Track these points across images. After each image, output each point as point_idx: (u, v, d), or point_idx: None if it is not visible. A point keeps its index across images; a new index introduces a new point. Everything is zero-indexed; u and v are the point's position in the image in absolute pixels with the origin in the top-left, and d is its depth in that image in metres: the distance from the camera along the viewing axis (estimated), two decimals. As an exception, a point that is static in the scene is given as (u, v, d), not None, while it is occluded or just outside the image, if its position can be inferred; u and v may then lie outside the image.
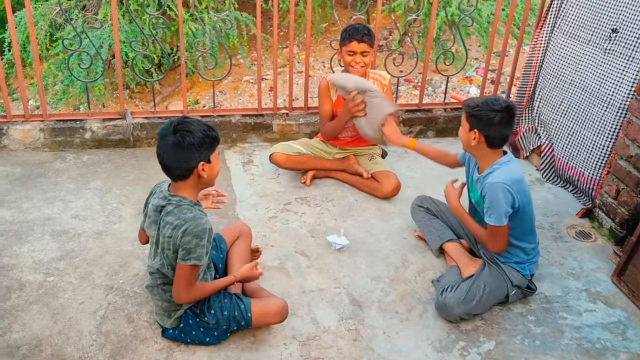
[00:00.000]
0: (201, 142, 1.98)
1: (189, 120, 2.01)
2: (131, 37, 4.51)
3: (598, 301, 2.54)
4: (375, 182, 3.18)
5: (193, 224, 1.99)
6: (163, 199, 2.07)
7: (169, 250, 2.04)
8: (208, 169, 2.04)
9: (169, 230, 2.02)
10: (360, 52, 3.04)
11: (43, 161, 3.41)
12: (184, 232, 1.98)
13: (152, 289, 2.19)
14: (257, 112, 3.71)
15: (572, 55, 3.19)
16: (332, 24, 6.37)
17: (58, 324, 2.26)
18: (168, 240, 2.02)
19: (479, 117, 2.28)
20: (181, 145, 1.96)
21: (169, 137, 1.97)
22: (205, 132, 1.99)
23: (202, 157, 2.01)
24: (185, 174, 2.03)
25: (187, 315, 2.17)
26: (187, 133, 1.96)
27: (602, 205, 2.96)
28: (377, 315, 2.41)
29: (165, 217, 2.04)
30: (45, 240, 2.73)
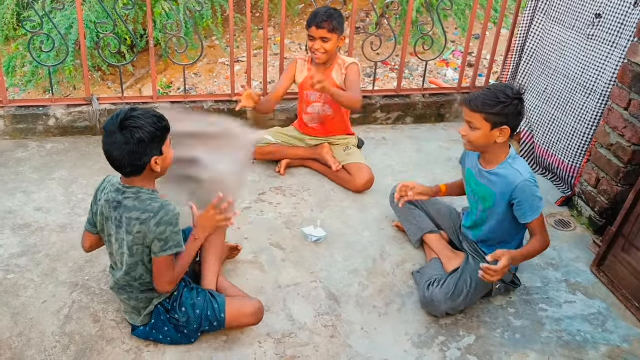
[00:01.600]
0: (152, 137, 1.84)
1: (136, 113, 1.85)
2: (102, 17, 4.32)
3: (578, 292, 2.51)
4: (347, 174, 3.09)
5: (163, 212, 1.88)
6: (117, 193, 1.94)
7: (139, 246, 1.93)
8: (161, 161, 1.91)
9: (136, 226, 1.90)
10: (320, 38, 2.94)
11: (3, 150, 3.24)
12: (157, 223, 1.88)
13: (118, 290, 2.08)
14: (230, 98, 3.58)
15: (557, 42, 3.13)
16: (308, 5, 6.21)
17: (19, 325, 2.15)
18: (137, 236, 1.91)
19: (506, 114, 2.12)
20: (130, 142, 1.82)
21: (116, 134, 1.82)
22: (156, 125, 1.85)
23: (155, 152, 1.88)
24: (137, 170, 1.90)
25: (158, 311, 2.07)
26: (135, 129, 1.81)
27: (582, 194, 2.92)
28: (354, 310, 2.34)
29: (126, 213, 1.92)
30: (5, 235, 2.59)
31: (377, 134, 3.67)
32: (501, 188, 2.25)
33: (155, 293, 2.05)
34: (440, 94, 3.86)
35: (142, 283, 2.03)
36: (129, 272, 2.00)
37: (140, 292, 2.04)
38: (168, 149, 1.94)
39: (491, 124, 2.15)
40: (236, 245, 2.51)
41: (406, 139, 3.65)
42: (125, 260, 1.98)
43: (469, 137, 2.21)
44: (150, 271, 1.99)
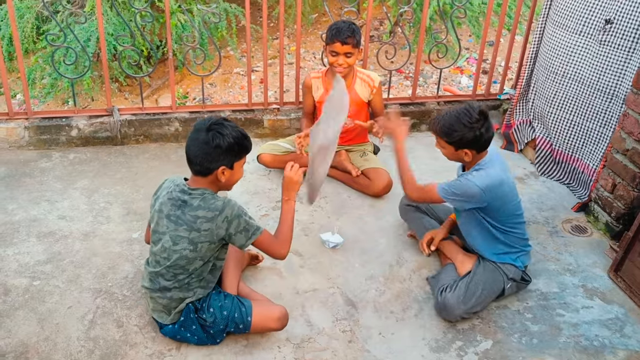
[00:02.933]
0: (229, 147, 1.99)
1: (226, 123, 2.02)
2: (119, 29, 4.41)
3: (595, 297, 2.51)
4: (366, 179, 3.13)
5: (228, 209, 2.01)
6: (183, 193, 2.06)
7: (205, 242, 2.04)
8: (228, 174, 2.05)
9: (204, 223, 2.01)
10: (344, 53, 2.97)
11: (28, 160, 3.33)
12: (226, 220, 2.01)
13: (152, 286, 2.14)
14: (247, 108, 3.64)
15: (563, 46, 3.14)
16: (322, 14, 6.28)
17: (45, 330, 2.21)
18: (204, 233, 2.02)
19: (462, 139, 2.25)
20: (209, 144, 1.98)
21: (201, 132, 2.00)
22: (237, 140, 2.01)
23: (226, 162, 2.02)
24: (204, 171, 2.04)
25: (188, 309, 2.13)
26: (218, 135, 1.98)
27: (598, 199, 2.93)
28: (372, 315, 2.37)
29: (191, 212, 2.03)
30: (31, 243, 2.66)
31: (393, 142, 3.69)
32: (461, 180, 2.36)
33: (189, 293, 2.11)
34: (455, 101, 3.88)
35: (183, 280, 2.09)
36: (181, 267, 2.06)
37: (177, 289, 2.10)
38: (239, 168, 2.08)
39: (454, 146, 2.30)
40: (257, 255, 2.56)
41: (421, 147, 3.68)
42: (185, 255, 2.05)
43: (442, 153, 2.40)
44: (204, 264, 2.09)
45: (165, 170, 3.26)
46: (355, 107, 3.14)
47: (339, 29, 2.95)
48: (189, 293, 2.12)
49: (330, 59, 3.02)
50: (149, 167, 3.32)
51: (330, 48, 2.99)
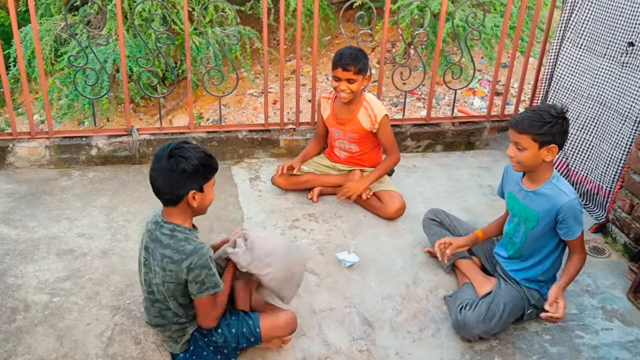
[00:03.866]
0: (195, 170, 1.93)
1: (186, 145, 1.95)
2: (135, 51, 4.51)
3: (614, 319, 2.49)
4: (379, 202, 3.12)
5: (196, 257, 1.93)
6: (156, 225, 2.02)
7: (170, 283, 1.99)
8: (199, 198, 1.98)
9: (168, 264, 1.96)
10: (346, 79, 2.97)
11: (48, 178, 3.37)
12: (189, 267, 1.94)
13: (152, 321, 2.15)
14: (263, 128, 3.68)
15: (588, 69, 3.17)
16: (334, 37, 6.37)
17: (64, 346, 2.22)
18: (169, 274, 1.97)
19: (552, 133, 2.17)
20: (174, 170, 1.91)
21: (163, 160, 1.92)
22: (201, 160, 1.93)
23: (194, 186, 1.95)
24: (174, 199, 1.97)
25: (195, 338, 2.12)
26: (181, 159, 1.91)
27: (616, 220, 2.92)
28: (389, 335, 2.36)
29: (161, 249, 1.98)
30: (50, 260, 2.69)
31: (408, 162, 3.72)
32: (545, 207, 2.28)
33: (188, 324, 2.11)
34: (470, 122, 3.91)
35: (174, 316, 2.08)
36: (162, 302, 2.06)
37: (172, 323, 2.10)
38: (210, 189, 2.02)
39: (539, 143, 2.19)
40: None
41: (437, 167, 3.69)
42: (160, 290, 2.04)
43: (517, 158, 2.24)
44: (182, 305, 2.05)
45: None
46: (358, 135, 3.16)
47: (341, 54, 2.97)
48: (187, 324, 2.11)
49: (334, 83, 3.04)
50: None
51: (333, 73, 3.01)
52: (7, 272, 2.59)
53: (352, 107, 3.11)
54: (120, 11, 3.24)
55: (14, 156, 3.41)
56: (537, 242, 2.37)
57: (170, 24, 3.60)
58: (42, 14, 5.14)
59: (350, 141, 3.19)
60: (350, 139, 3.18)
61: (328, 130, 3.28)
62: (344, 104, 3.11)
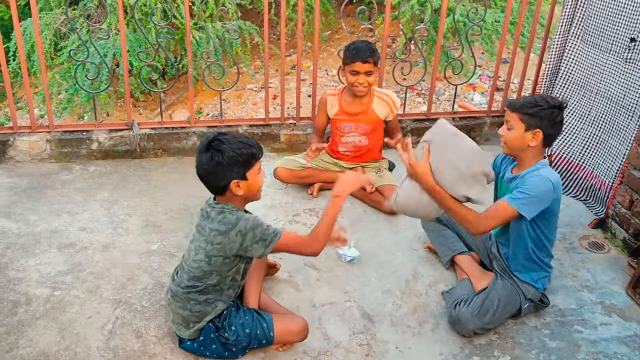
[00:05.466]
0: (231, 162, 1.97)
1: (223, 137, 1.99)
2: (135, 45, 4.49)
3: (613, 314, 2.50)
4: (380, 196, 3.14)
5: (242, 222, 1.99)
6: (208, 206, 2.09)
7: (218, 257, 2.03)
8: (244, 186, 2.02)
9: (216, 237, 2.01)
10: (365, 72, 3.00)
11: (49, 172, 3.38)
12: (240, 234, 1.98)
13: (174, 294, 2.15)
14: (264, 122, 3.69)
15: (595, 65, 3.17)
16: (334, 32, 6.35)
17: (65, 340, 2.23)
18: (218, 247, 2.01)
19: (542, 117, 2.21)
20: (210, 163, 1.97)
21: (202, 153, 2.00)
22: (238, 150, 1.97)
23: (235, 176, 1.99)
24: (218, 190, 2.04)
25: (208, 328, 2.13)
26: (216, 152, 1.96)
27: (615, 216, 2.93)
28: (389, 329, 2.37)
29: (209, 224, 2.04)
30: (52, 253, 2.70)
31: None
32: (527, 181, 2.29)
33: (209, 307, 2.12)
34: (470, 117, 3.91)
35: (204, 292, 2.09)
36: (198, 278, 2.08)
37: (197, 302, 2.11)
38: (254, 175, 2.04)
39: (525, 125, 2.23)
40: (274, 264, 2.58)
41: (436, 162, 3.69)
42: (201, 267, 2.06)
43: (505, 137, 2.30)
44: (223, 278, 2.08)
45: (183, 184, 3.30)
46: (372, 126, 3.19)
47: (358, 48, 2.98)
48: (209, 307, 2.12)
49: (350, 78, 3.03)
50: (168, 180, 3.36)
51: (350, 68, 3.01)
52: (8, 265, 2.60)
53: (365, 99, 3.13)
54: (121, 5, 3.24)
55: (14, 150, 3.41)
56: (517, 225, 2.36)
57: (170, 18, 3.59)
58: (42, 8, 5.12)
59: (362, 133, 3.20)
60: (363, 132, 3.19)
61: (332, 126, 3.28)
62: (356, 97, 3.12)
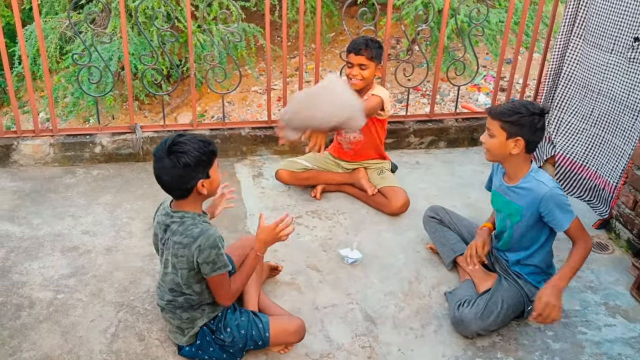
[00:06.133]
0: (197, 162, 1.94)
1: (182, 139, 1.95)
2: (140, 49, 4.52)
3: (618, 315, 2.48)
4: (383, 198, 3.13)
5: (204, 238, 1.96)
6: (166, 216, 2.05)
7: (183, 269, 2.02)
8: (208, 184, 2.01)
9: (179, 249, 1.99)
10: (358, 65, 3.00)
11: (53, 176, 3.40)
12: (199, 249, 1.96)
13: (163, 308, 2.16)
14: (266, 125, 3.69)
15: (598, 65, 3.15)
16: (339, 34, 6.36)
17: (68, 343, 2.24)
18: (181, 260, 2.00)
19: (522, 124, 2.19)
20: (177, 167, 1.92)
21: (164, 159, 1.93)
22: (201, 150, 1.94)
23: (201, 175, 1.98)
24: (185, 193, 2.01)
25: (203, 332, 2.13)
26: (181, 154, 1.92)
27: (619, 216, 2.91)
28: (391, 331, 2.37)
29: (172, 237, 2.02)
30: (55, 257, 2.71)
31: (411, 158, 3.72)
32: (527, 200, 2.29)
33: (197, 313, 2.12)
34: (473, 118, 3.90)
35: (186, 301, 2.10)
36: (175, 290, 2.09)
37: (183, 311, 2.11)
38: (215, 172, 2.04)
39: (506, 133, 2.22)
40: (276, 266, 2.58)
41: (440, 163, 3.69)
42: (172, 279, 2.07)
43: (487, 144, 2.29)
44: (197, 292, 2.08)
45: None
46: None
47: (355, 41, 3.02)
48: (197, 313, 2.12)
49: (346, 70, 3.08)
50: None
51: (347, 59, 3.06)
52: (12, 269, 2.61)
53: (362, 95, 3.12)
54: (123, 9, 3.25)
55: (18, 154, 3.43)
56: (524, 237, 2.37)
57: (173, 22, 3.61)
58: (47, 12, 5.16)
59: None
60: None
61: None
62: (355, 92, 3.11)
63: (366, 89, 3.11)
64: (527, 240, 2.38)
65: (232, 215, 3.04)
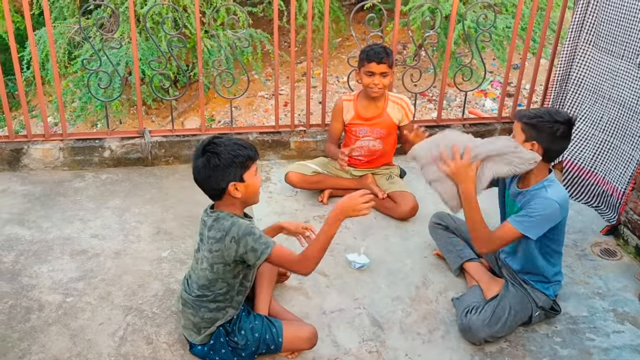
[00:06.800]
0: (228, 164, 1.97)
1: (218, 140, 2.00)
2: (148, 54, 4.55)
3: (626, 322, 2.48)
4: (392, 202, 3.14)
5: (236, 228, 1.99)
6: (205, 214, 2.11)
7: (219, 264, 2.04)
8: (242, 188, 2.02)
9: (214, 244, 2.02)
10: (380, 73, 3.02)
11: (62, 180, 3.42)
12: (234, 240, 1.98)
13: (186, 302, 2.17)
14: (274, 130, 3.70)
15: (608, 71, 3.16)
16: (345, 39, 6.38)
17: (77, 346, 2.25)
18: (217, 255, 2.03)
19: (540, 129, 2.19)
20: (207, 166, 1.98)
21: (198, 158, 2.00)
22: (234, 152, 1.97)
23: (232, 178, 1.99)
24: (216, 193, 2.05)
25: (218, 333, 2.14)
26: (212, 155, 1.97)
27: (628, 222, 2.90)
28: (398, 336, 2.37)
29: (207, 232, 2.06)
30: (64, 260, 2.73)
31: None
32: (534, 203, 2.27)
33: (219, 314, 2.13)
34: (481, 124, 3.90)
35: (213, 301, 2.11)
36: (207, 287, 2.10)
37: (208, 310, 2.12)
38: (252, 177, 2.04)
39: (525, 135, 2.23)
40: (285, 272, 2.59)
41: (446, 168, 3.68)
42: (206, 275, 2.09)
43: None
44: (230, 286, 2.09)
45: (193, 191, 3.28)
46: (387, 130, 3.20)
47: (374, 49, 3.01)
48: (219, 314, 2.13)
49: (366, 80, 3.05)
50: (179, 187, 3.39)
51: (365, 69, 3.03)
52: (21, 272, 2.63)
53: (379, 103, 3.14)
54: (132, 14, 3.28)
55: (28, 158, 3.46)
56: (527, 245, 2.36)
57: (181, 27, 3.63)
58: (56, 17, 5.20)
59: (377, 137, 3.21)
60: (378, 135, 3.20)
61: (345, 132, 3.27)
62: (371, 101, 3.13)
63: (380, 96, 3.14)
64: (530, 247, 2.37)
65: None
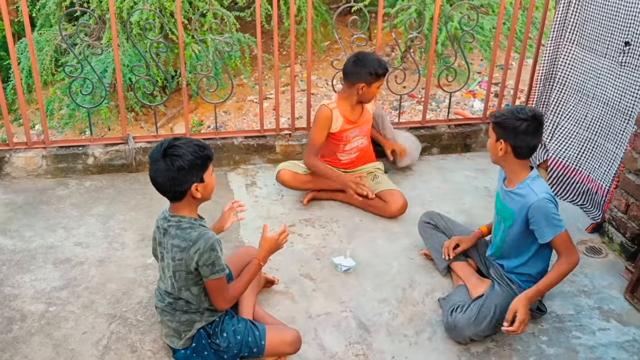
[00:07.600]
0: (192, 165, 1.97)
1: (178, 143, 1.99)
2: (135, 60, 4.53)
3: (611, 319, 2.48)
4: (381, 202, 3.14)
5: (202, 241, 1.99)
6: (164, 220, 2.09)
7: (181, 272, 2.04)
8: (202, 188, 2.03)
9: (177, 253, 2.02)
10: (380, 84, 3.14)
11: (45, 188, 3.39)
12: (198, 252, 1.99)
13: (162, 310, 2.17)
14: (259, 134, 3.69)
15: (591, 69, 3.17)
16: (334, 42, 6.37)
17: (60, 356, 2.23)
18: (179, 263, 2.03)
19: (504, 127, 2.26)
20: (171, 169, 1.95)
21: (159, 161, 1.97)
22: (196, 154, 1.98)
23: (195, 179, 2.00)
24: (178, 196, 2.03)
25: (200, 335, 2.14)
26: (176, 157, 1.95)
27: (612, 220, 2.91)
28: (385, 339, 2.36)
29: (170, 240, 2.05)
30: (47, 269, 2.70)
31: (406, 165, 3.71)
32: (519, 206, 2.31)
33: (196, 316, 2.13)
34: (466, 125, 3.90)
35: (185, 305, 2.11)
36: (174, 294, 2.10)
37: (183, 313, 2.12)
38: (210, 177, 2.06)
39: (495, 134, 2.30)
40: (273, 279, 2.59)
41: (433, 170, 3.69)
42: (172, 284, 2.09)
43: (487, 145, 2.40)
44: (195, 295, 2.10)
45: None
46: (369, 124, 3.29)
47: (381, 64, 3.06)
48: (196, 316, 2.13)
49: (375, 92, 3.11)
50: (163, 193, 3.36)
51: (378, 83, 3.09)
52: (3, 282, 2.61)
53: (358, 104, 3.20)
54: (113, 20, 3.26)
55: (10, 166, 3.43)
56: (515, 243, 2.38)
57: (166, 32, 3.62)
58: (42, 24, 5.17)
59: (364, 135, 3.28)
60: (365, 133, 3.28)
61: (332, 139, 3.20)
62: (354, 105, 3.17)
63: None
64: (520, 248, 2.38)
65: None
